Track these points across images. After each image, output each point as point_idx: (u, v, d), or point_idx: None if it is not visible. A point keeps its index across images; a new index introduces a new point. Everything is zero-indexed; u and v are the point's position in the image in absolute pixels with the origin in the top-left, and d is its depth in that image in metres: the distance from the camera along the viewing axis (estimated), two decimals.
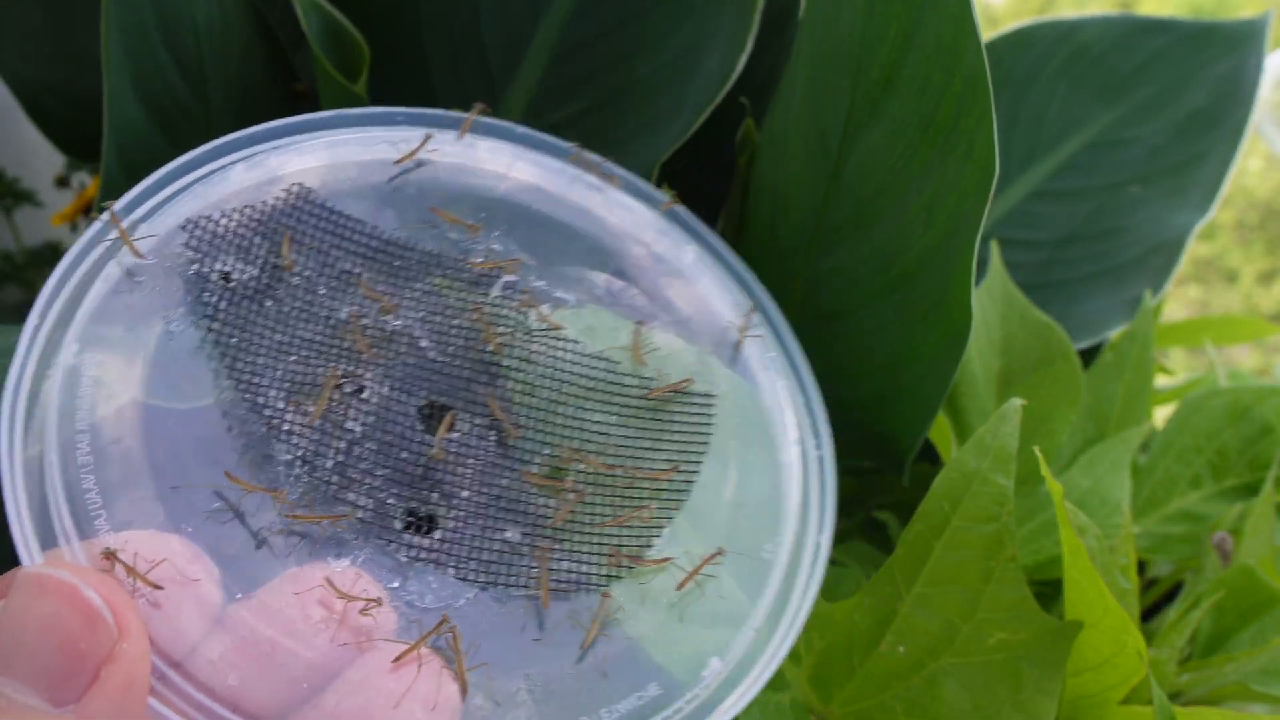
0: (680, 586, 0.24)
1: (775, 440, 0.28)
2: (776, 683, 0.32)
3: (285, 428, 0.24)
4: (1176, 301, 1.60)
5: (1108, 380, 0.46)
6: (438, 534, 0.24)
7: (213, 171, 0.27)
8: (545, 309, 0.27)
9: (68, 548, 0.21)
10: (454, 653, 0.22)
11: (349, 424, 0.24)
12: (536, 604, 0.23)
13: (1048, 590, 0.41)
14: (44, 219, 0.67)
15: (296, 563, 0.22)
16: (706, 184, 0.38)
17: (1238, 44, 0.56)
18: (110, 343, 0.23)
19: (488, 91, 0.46)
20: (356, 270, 0.27)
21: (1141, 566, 0.49)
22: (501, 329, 0.27)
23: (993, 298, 0.44)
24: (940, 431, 0.42)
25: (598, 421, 0.27)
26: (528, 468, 0.25)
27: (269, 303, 0.25)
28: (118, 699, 0.18)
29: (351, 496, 0.23)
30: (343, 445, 0.24)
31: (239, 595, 0.21)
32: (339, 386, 0.25)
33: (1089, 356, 0.50)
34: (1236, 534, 0.41)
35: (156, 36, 0.39)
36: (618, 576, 0.24)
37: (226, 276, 0.25)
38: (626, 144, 0.43)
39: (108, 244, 0.25)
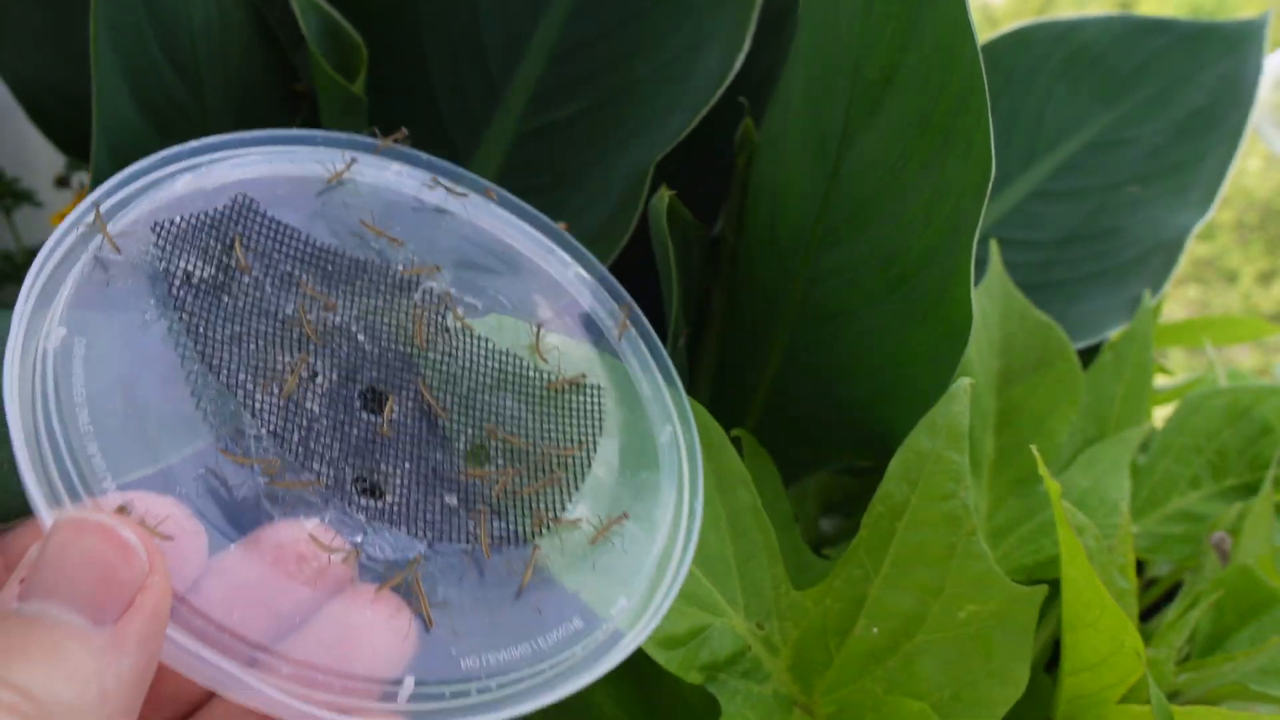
0: (593, 541, 0.29)
1: (653, 424, 0.32)
2: (757, 674, 0.32)
3: (255, 406, 0.27)
4: (1176, 301, 1.60)
5: (1107, 380, 0.46)
6: (389, 498, 0.27)
7: (163, 179, 0.29)
8: (460, 311, 0.32)
9: (86, 502, 0.23)
10: (418, 592, 0.26)
11: (308, 404, 0.28)
12: (479, 555, 0.28)
13: (1049, 589, 0.41)
14: (44, 219, 0.67)
15: (275, 520, 0.26)
16: (705, 184, 0.38)
17: (1237, 44, 0.56)
18: (95, 327, 0.26)
19: (487, 91, 0.46)
20: (296, 272, 0.30)
21: (1141, 566, 0.49)
22: (425, 328, 0.31)
23: (992, 298, 0.44)
24: None
25: (510, 407, 0.31)
26: (455, 445, 0.29)
27: (225, 298, 0.28)
28: (148, 622, 0.22)
29: (315, 466, 0.27)
30: (304, 423, 0.27)
31: (230, 545, 0.25)
32: (295, 371, 0.28)
33: (1088, 356, 0.50)
34: (1235, 534, 0.41)
35: (150, 36, 0.39)
36: (541, 534, 0.28)
37: (189, 274, 0.28)
38: (625, 143, 0.43)
39: (81, 234, 0.27)
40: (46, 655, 0.20)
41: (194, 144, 0.30)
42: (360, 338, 0.29)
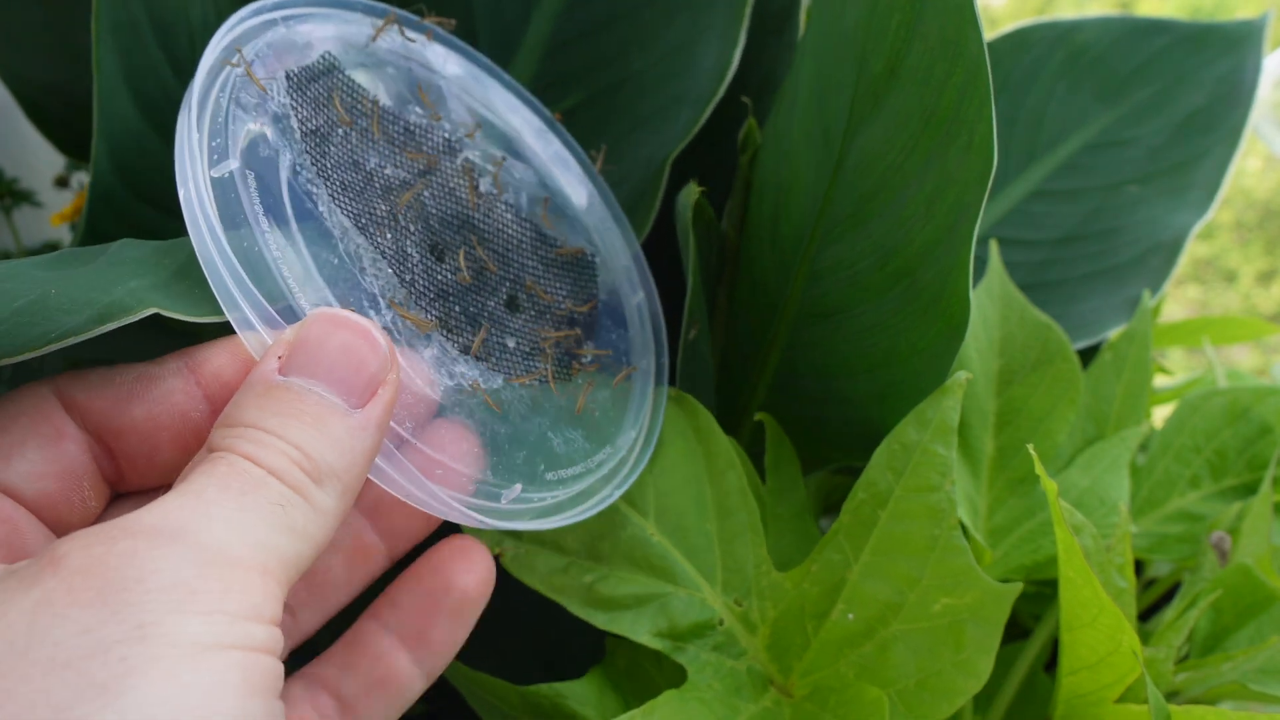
0: (616, 383, 0.35)
1: (625, 290, 0.37)
2: (732, 650, 0.33)
3: (382, 248, 0.30)
4: (1175, 301, 1.60)
5: (1106, 380, 0.46)
6: (471, 337, 0.32)
7: (257, 28, 0.31)
8: (497, 175, 0.36)
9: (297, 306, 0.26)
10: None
11: (409, 249, 0.31)
12: (545, 388, 0.33)
13: (1047, 590, 0.41)
14: (43, 219, 0.67)
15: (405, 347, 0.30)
16: (708, 184, 0.38)
17: (1236, 44, 0.56)
18: (257, 167, 0.28)
19: None
20: (370, 129, 0.32)
21: (1140, 566, 0.49)
22: (474, 192, 0.34)
23: (992, 297, 0.44)
24: None
25: (532, 266, 0.35)
26: (500, 295, 0.34)
27: (330, 148, 0.31)
28: (385, 410, 0.25)
29: (424, 305, 0.31)
30: (411, 266, 0.31)
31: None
32: (396, 217, 0.31)
33: (1088, 356, 0.50)
34: (1234, 533, 0.41)
35: (149, 35, 0.39)
36: (580, 374, 0.34)
37: (306, 122, 0.30)
38: (626, 138, 0.44)
39: (224, 74, 0.29)
40: (315, 423, 0.23)
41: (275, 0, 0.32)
42: (424, 195, 0.33)
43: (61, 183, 0.65)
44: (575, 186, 0.38)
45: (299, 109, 0.30)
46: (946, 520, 0.31)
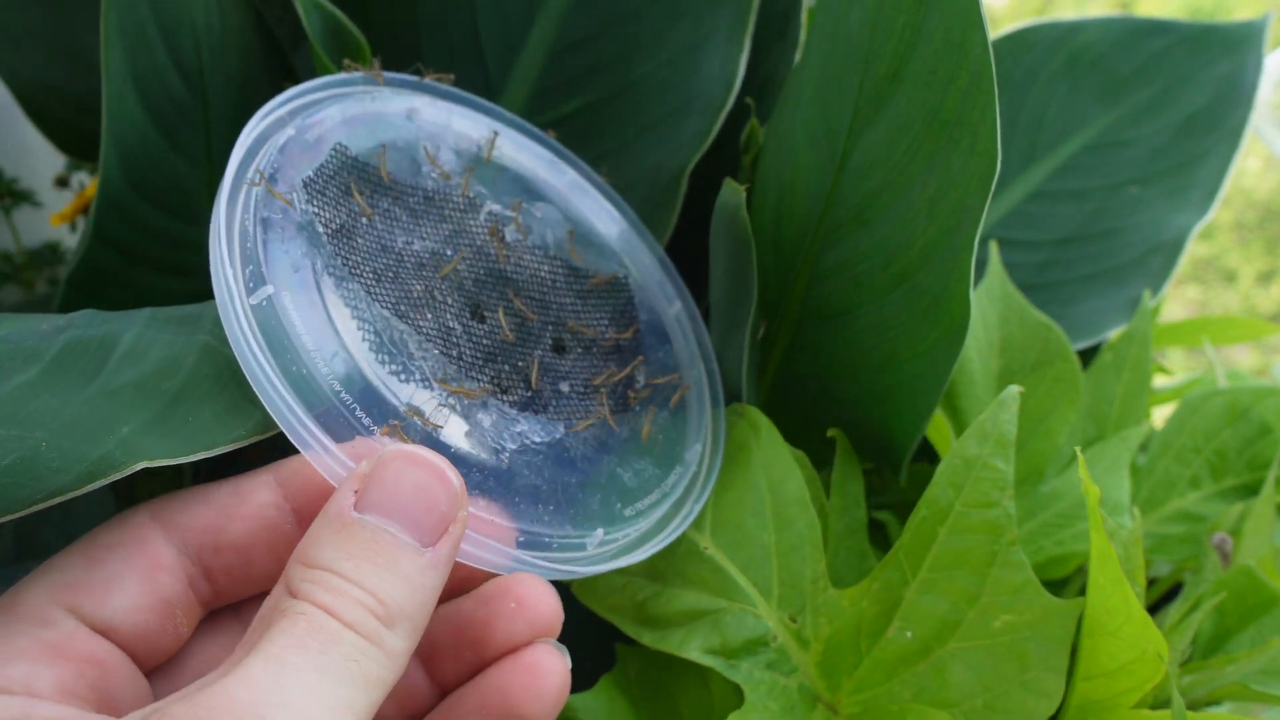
0: (674, 403, 0.35)
1: (662, 304, 0.38)
2: (783, 667, 0.32)
3: (423, 331, 0.31)
4: (1175, 301, 1.60)
5: (1107, 380, 0.46)
6: (524, 393, 0.32)
7: (266, 135, 0.32)
8: (520, 222, 0.35)
9: (357, 437, 0.27)
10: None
11: (449, 323, 0.32)
12: (605, 426, 0.33)
13: (1047, 590, 0.41)
14: (43, 219, 0.67)
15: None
16: (710, 182, 0.38)
17: (1237, 45, 0.56)
18: (292, 285, 0.29)
19: (484, 89, 0.46)
20: (392, 208, 0.33)
21: None
22: (502, 245, 0.34)
23: (992, 298, 0.44)
24: (939, 431, 0.42)
25: (570, 303, 0.35)
26: (545, 341, 0.34)
27: (358, 240, 0.31)
28: (455, 547, 0.25)
29: (473, 374, 0.31)
30: (455, 339, 0.31)
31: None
32: (431, 295, 0.32)
33: (1088, 356, 0.50)
34: (1236, 534, 0.41)
35: (156, 38, 0.39)
36: (636, 405, 0.34)
37: (330, 223, 0.31)
38: (632, 144, 0.44)
39: (245, 194, 0.30)
40: (388, 565, 0.24)
41: (279, 99, 0.32)
42: (454, 257, 0.33)
43: (61, 183, 0.65)
44: (596, 211, 0.38)
45: (321, 212, 0.31)
46: (1005, 535, 0.30)
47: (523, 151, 0.38)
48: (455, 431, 0.29)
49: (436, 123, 0.36)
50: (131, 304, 0.42)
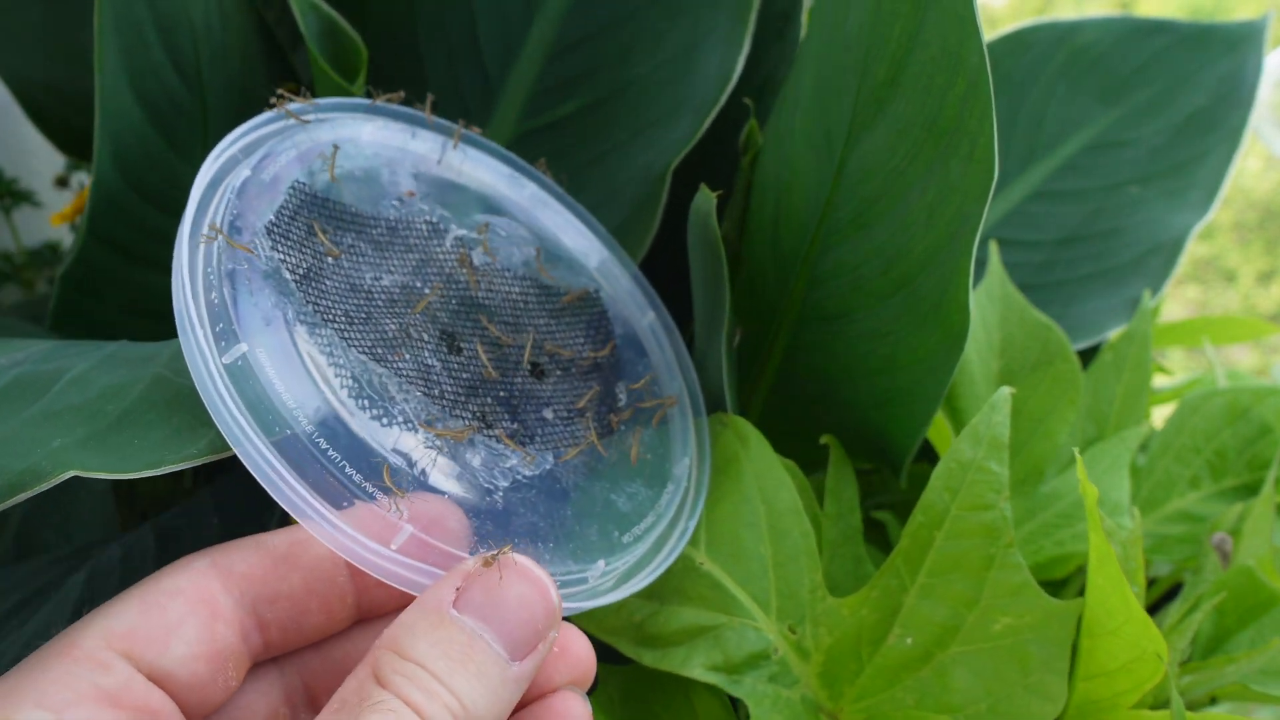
0: (656, 421, 0.34)
1: (635, 316, 0.37)
2: (786, 679, 0.32)
3: (402, 373, 0.30)
4: (1175, 301, 1.60)
5: (1106, 380, 0.46)
6: (511, 425, 0.31)
7: (225, 166, 0.30)
8: (488, 246, 0.34)
9: (360, 504, 0.26)
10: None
11: (427, 360, 0.31)
12: (593, 451, 0.32)
13: (1046, 591, 0.41)
14: (43, 219, 0.67)
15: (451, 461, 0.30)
16: (710, 183, 0.38)
17: (1237, 45, 0.56)
18: (266, 339, 0.28)
19: (484, 90, 0.46)
20: (357, 243, 0.32)
21: None
22: (472, 271, 0.33)
23: (992, 298, 0.44)
24: (940, 432, 0.42)
25: (544, 324, 0.34)
26: (524, 366, 0.33)
27: (327, 282, 0.30)
28: (537, 666, 0.25)
29: (457, 412, 0.30)
30: (434, 377, 0.30)
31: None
32: (407, 334, 0.31)
33: (1088, 357, 0.50)
34: (1236, 534, 0.41)
35: (153, 36, 0.39)
36: (619, 425, 0.33)
37: (297, 267, 0.30)
38: (628, 144, 0.43)
39: (205, 247, 0.28)
40: (476, 672, 0.24)
41: (230, 138, 0.31)
42: (425, 290, 0.32)
43: (61, 183, 0.65)
44: (560, 224, 0.37)
45: (287, 257, 0.30)
46: (1002, 538, 0.30)
47: (481, 167, 0.37)
48: (446, 475, 0.29)
49: (392, 145, 0.35)
50: (126, 302, 0.42)
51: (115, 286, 0.42)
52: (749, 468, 0.34)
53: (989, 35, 0.55)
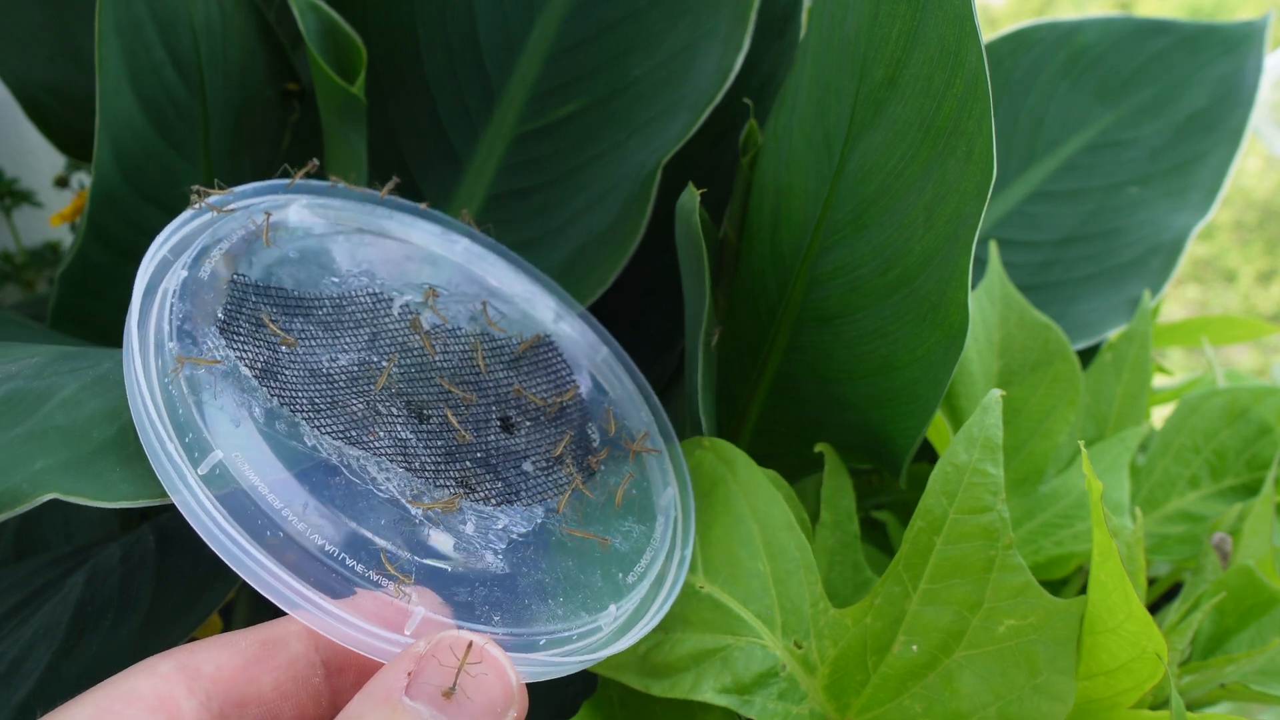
0: (632, 457, 0.34)
1: (589, 354, 0.37)
2: (794, 695, 0.32)
3: (380, 452, 0.29)
4: (1175, 301, 1.60)
5: (1106, 380, 0.46)
6: (496, 485, 0.31)
7: (162, 280, 0.30)
8: (437, 308, 0.34)
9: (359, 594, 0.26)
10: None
11: (402, 434, 0.30)
12: (580, 497, 0.32)
13: (1047, 591, 0.41)
14: (43, 219, 0.67)
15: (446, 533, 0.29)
16: (708, 184, 0.38)
17: (1237, 45, 0.56)
18: (239, 442, 0.27)
19: (484, 91, 0.46)
20: (307, 327, 0.31)
21: None
22: (427, 337, 0.33)
23: (991, 298, 0.44)
24: (939, 432, 0.42)
25: (505, 376, 0.34)
26: (493, 422, 0.33)
27: (287, 372, 0.29)
28: None
29: (441, 482, 0.30)
30: (412, 450, 0.30)
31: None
32: (375, 411, 0.30)
33: (1087, 357, 0.50)
34: (1235, 534, 0.41)
35: (153, 35, 0.39)
36: (600, 467, 0.33)
37: (255, 362, 0.29)
38: (625, 143, 0.43)
39: (160, 362, 0.28)
40: None
41: (156, 243, 0.30)
42: (383, 364, 0.32)
43: (61, 183, 0.65)
44: (499, 274, 0.37)
45: (244, 354, 0.29)
46: (1001, 540, 0.30)
47: (411, 230, 0.36)
48: (445, 549, 0.28)
49: (319, 222, 0.34)
50: (126, 302, 0.42)
51: (115, 286, 0.42)
52: (737, 489, 0.34)
53: (989, 35, 0.55)
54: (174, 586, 0.36)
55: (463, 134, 0.47)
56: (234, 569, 0.25)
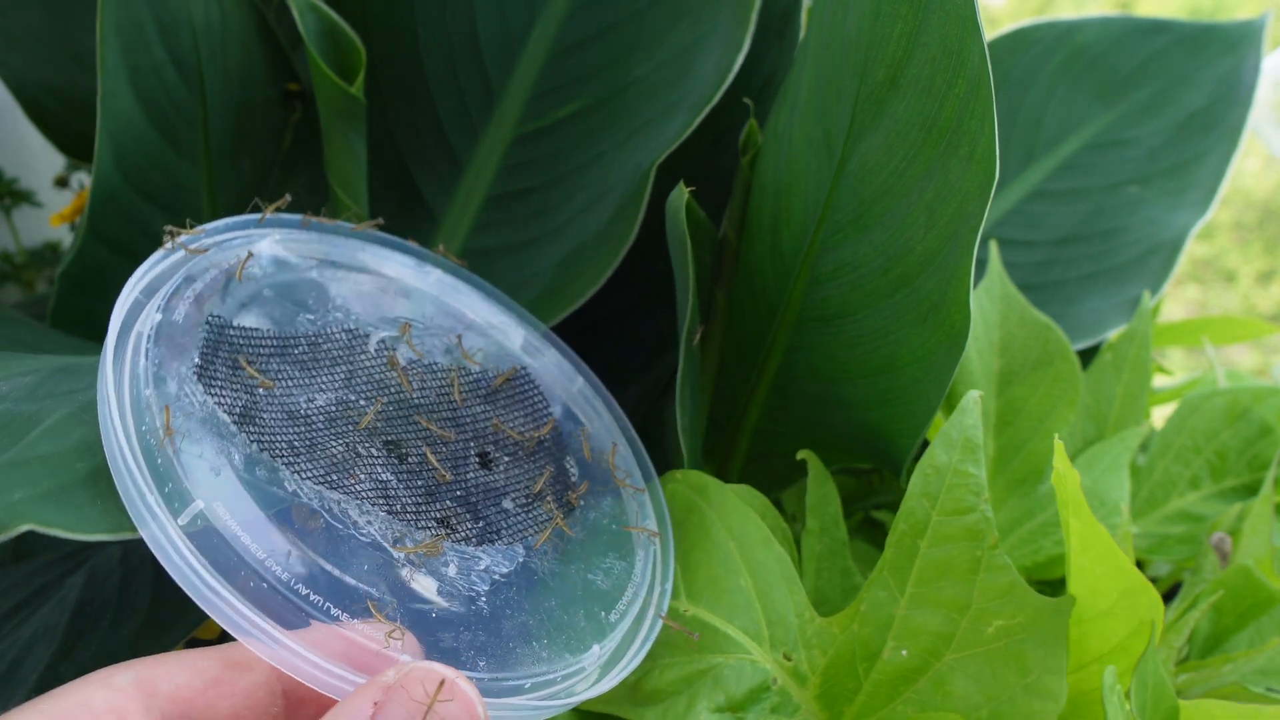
0: (615, 484, 0.34)
1: (565, 385, 0.37)
2: (787, 708, 0.32)
3: (361, 495, 0.29)
4: (1175, 301, 1.60)
5: (1106, 380, 0.46)
6: (477, 524, 0.30)
7: (135, 322, 0.29)
8: (413, 344, 0.34)
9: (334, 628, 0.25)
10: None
11: (383, 475, 0.30)
12: (561, 534, 0.32)
13: (1047, 591, 0.41)
14: (43, 219, 0.67)
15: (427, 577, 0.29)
16: (708, 186, 0.38)
17: (1236, 45, 0.56)
18: (220, 491, 0.26)
19: (484, 92, 0.46)
20: (283, 368, 0.31)
21: (1140, 566, 0.49)
22: (405, 375, 0.33)
23: (991, 298, 0.44)
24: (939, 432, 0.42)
25: (482, 411, 0.34)
26: (471, 458, 0.32)
27: (265, 415, 0.29)
28: None
29: (422, 524, 0.29)
30: (393, 491, 0.29)
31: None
32: (354, 452, 0.30)
33: (1088, 356, 0.50)
34: (1235, 534, 0.41)
35: (154, 35, 0.39)
36: (579, 501, 0.33)
37: (234, 407, 0.29)
38: (625, 143, 0.43)
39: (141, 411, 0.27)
40: None
41: (129, 285, 0.30)
42: (361, 403, 0.31)
43: (61, 183, 0.65)
44: (474, 305, 0.37)
45: (222, 399, 0.28)
46: (986, 540, 0.30)
47: (386, 262, 0.36)
48: (430, 594, 0.28)
49: (292, 257, 0.34)
50: None
51: (115, 286, 0.42)
52: (712, 515, 0.34)
53: (988, 35, 0.55)
54: (173, 588, 0.36)
55: (462, 134, 0.47)
56: (219, 621, 0.25)
